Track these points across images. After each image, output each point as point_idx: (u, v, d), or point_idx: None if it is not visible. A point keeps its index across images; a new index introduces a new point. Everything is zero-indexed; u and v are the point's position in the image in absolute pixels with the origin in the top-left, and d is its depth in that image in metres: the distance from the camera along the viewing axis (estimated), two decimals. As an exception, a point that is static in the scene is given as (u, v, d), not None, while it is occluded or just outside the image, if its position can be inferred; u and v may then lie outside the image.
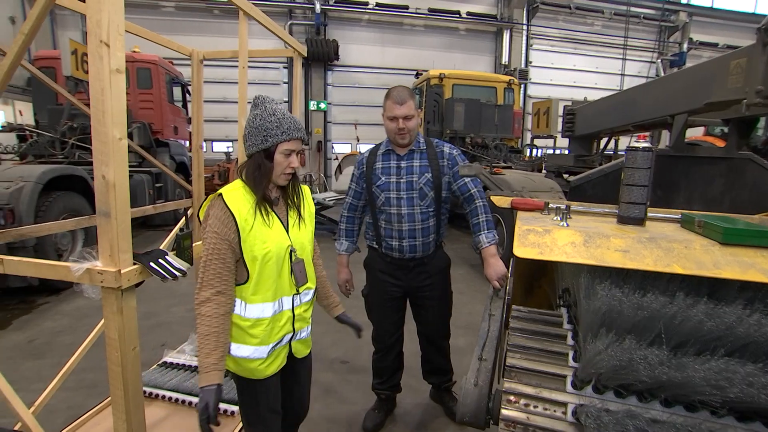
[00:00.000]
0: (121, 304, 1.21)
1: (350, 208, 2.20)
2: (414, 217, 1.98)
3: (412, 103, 1.92)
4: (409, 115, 1.90)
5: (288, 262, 1.38)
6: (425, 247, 2.04)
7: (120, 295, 1.20)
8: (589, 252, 0.82)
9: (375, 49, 13.95)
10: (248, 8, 1.85)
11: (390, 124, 1.94)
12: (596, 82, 15.37)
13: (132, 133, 6.94)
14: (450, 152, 2.03)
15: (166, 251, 1.32)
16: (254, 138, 1.31)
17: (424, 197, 1.97)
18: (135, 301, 1.27)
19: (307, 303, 1.49)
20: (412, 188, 1.97)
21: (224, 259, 1.27)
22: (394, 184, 1.99)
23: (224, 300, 1.28)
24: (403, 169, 1.99)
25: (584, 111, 5.23)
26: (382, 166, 2.04)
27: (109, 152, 1.13)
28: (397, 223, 2.00)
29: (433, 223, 2.03)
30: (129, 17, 1.23)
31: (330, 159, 14.15)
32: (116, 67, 1.12)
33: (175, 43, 2.51)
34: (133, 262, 1.23)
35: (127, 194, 1.19)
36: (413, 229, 2.00)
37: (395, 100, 1.90)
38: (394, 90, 1.94)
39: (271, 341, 1.37)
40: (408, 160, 2.00)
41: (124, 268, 1.19)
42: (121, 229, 1.18)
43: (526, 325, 1.10)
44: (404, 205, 1.98)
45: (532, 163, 7.83)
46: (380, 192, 2.02)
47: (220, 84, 12.81)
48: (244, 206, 1.30)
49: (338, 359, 3.12)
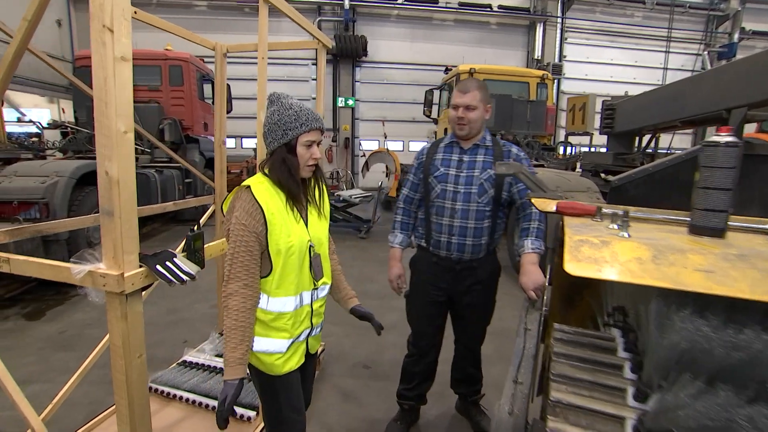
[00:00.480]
0: (125, 310, 1.13)
1: (406, 200, 2.12)
2: (468, 213, 1.87)
3: (478, 94, 1.85)
4: (471, 105, 1.84)
5: (308, 256, 1.39)
6: (475, 249, 1.92)
7: (124, 299, 1.13)
8: (661, 271, 0.66)
9: (404, 44, 13.78)
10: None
11: (452, 113, 1.90)
12: (635, 77, 14.59)
13: (163, 129, 7.09)
14: (517, 153, 1.94)
15: (175, 253, 1.24)
16: (274, 134, 1.32)
17: (483, 194, 1.87)
18: (141, 305, 1.19)
19: (323, 298, 1.52)
20: (472, 183, 1.88)
21: (251, 251, 1.27)
22: (453, 177, 1.91)
23: (251, 293, 1.28)
24: (465, 163, 1.92)
25: (625, 106, 4.89)
26: (443, 157, 1.97)
27: (113, 146, 1.04)
28: (448, 217, 1.90)
29: (488, 224, 1.91)
30: (164, 16, 1.16)
31: (357, 156, 14.09)
32: (121, 55, 1.03)
33: (198, 37, 2.45)
34: (139, 264, 1.16)
35: (133, 191, 1.11)
36: (465, 226, 1.89)
37: (460, 88, 1.87)
38: (464, 80, 1.90)
39: (292, 336, 1.38)
40: (471, 154, 1.92)
41: (129, 271, 1.11)
42: (126, 228, 1.10)
43: (573, 350, 0.94)
44: (460, 200, 1.88)
45: (566, 161, 7.47)
46: (437, 183, 1.93)
47: (250, 81, 12.97)
48: (271, 199, 1.30)
49: (360, 363, 3.01)
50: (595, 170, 5.25)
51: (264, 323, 1.35)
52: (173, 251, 1.24)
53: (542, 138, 8.12)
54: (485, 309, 2.08)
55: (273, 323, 1.35)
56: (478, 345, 2.19)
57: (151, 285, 1.18)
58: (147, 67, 7.35)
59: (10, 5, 4.48)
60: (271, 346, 1.35)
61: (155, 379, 2.34)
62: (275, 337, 1.36)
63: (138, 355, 1.20)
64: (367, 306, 1.71)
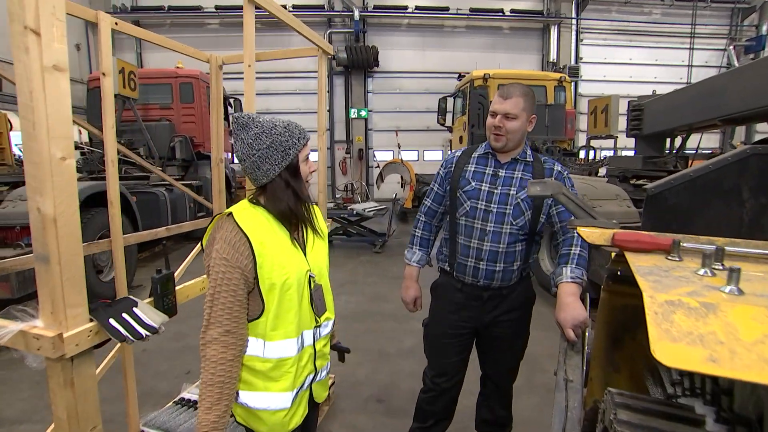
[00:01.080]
0: (69, 375, 0.92)
1: (428, 213, 1.88)
2: (501, 237, 1.62)
3: (521, 102, 1.58)
4: (511, 113, 1.58)
5: (308, 289, 1.19)
6: (506, 275, 1.66)
7: (68, 364, 0.91)
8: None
9: (416, 53, 13.66)
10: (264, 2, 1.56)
11: (489, 120, 1.65)
12: (656, 76, 14.06)
13: (174, 146, 7.06)
14: (560, 171, 1.68)
15: (136, 301, 1.02)
16: (271, 159, 1.11)
17: (519, 216, 1.62)
18: (93, 367, 0.97)
19: (326, 336, 1.30)
20: (507, 202, 1.62)
21: (234, 291, 1.07)
22: (486, 194, 1.65)
23: (233, 341, 1.07)
24: (500, 179, 1.66)
25: (654, 106, 4.55)
26: (475, 169, 1.71)
27: (45, 177, 0.84)
28: (477, 240, 1.65)
29: (521, 248, 1.65)
30: (177, 36, 0.95)
31: (372, 167, 13.93)
32: (53, 63, 0.83)
33: (190, 49, 2.29)
34: (89, 318, 0.94)
35: (77, 231, 0.90)
36: (496, 251, 1.63)
37: (501, 93, 1.62)
38: (507, 85, 1.64)
39: (296, 386, 1.17)
40: (509, 169, 1.67)
41: (71, 329, 0.89)
42: (69, 277, 0.89)
43: (644, 419, 0.66)
44: (492, 221, 1.63)
45: (589, 166, 7.11)
46: (466, 199, 1.68)
47: (264, 96, 13.04)
48: (259, 226, 1.11)
49: (373, 397, 2.75)
50: (623, 175, 4.90)
51: (261, 373, 1.13)
52: (134, 299, 1.02)
53: (562, 143, 7.77)
54: (517, 342, 1.81)
55: (272, 372, 1.13)
56: (509, 383, 1.91)
57: (106, 341, 0.96)
58: (158, 86, 7.36)
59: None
60: (273, 403, 1.13)
61: (147, 422, 2.13)
62: (276, 389, 1.13)
63: (91, 428, 0.97)
64: (381, 329, 1.47)
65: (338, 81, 13.58)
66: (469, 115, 7.89)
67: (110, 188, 1.81)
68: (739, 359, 0.44)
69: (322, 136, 2.34)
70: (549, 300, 4.78)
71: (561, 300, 1.45)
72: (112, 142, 1.78)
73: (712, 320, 0.49)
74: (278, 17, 1.67)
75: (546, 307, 4.81)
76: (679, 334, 0.48)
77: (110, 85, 1.74)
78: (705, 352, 0.45)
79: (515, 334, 1.78)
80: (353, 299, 4.73)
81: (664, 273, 0.63)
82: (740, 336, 0.46)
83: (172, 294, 1.12)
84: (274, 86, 13.17)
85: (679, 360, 0.45)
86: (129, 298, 1.02)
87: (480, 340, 1.84)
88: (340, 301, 4.68)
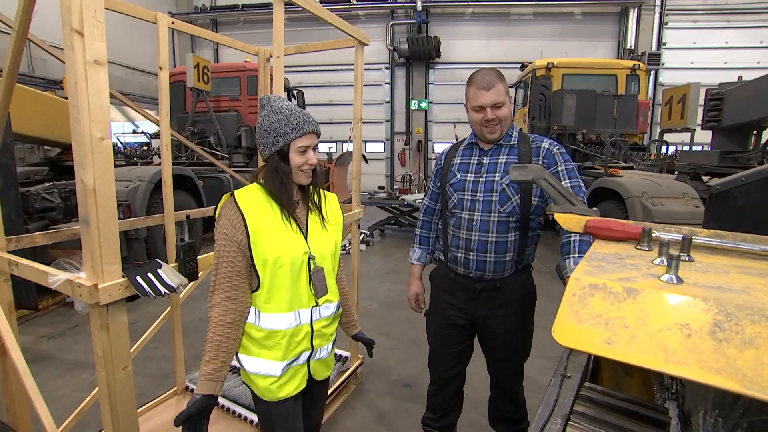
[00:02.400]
0: (105, 320, 1.09)
1: (427, 211, 1.92)
2: (489, 225, 1.59)
3: (502, 87, 1.54)
4: (498, 102, 1.54)
5: (306, 270, 1.26)
6: (498, 266, 1.62)
7: (104, 310, 1.08)
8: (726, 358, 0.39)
9: (479, 43, 13.25)
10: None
11: (475, 116, 1.60)
12: (759, 61, 12.27)
13: (240, 135, 7.58)
14: (549, 148, 1.60)
15: (161, 263, 1.18)
16: (265, 141, 1.22)
17: (506, 202, 1.58)
18: (125, 316, 1.14)
19: (328, 318, 1.35)
20: (492, 190, 1.60)
21: (233, 262, 1.19)
22: (471, 184, 1.64)
23: (232, 306, 1.20)
24: (484, 167, 1.64)
25: (737, 94, 4.05)
26: (461, 161, 1.71)
27: (87, 154, 1.00)
28: (466, 230, 1.64)
29: (514, 238, 1.60)
30: (248, 32, 1.10)
31: (430, 159, 13.85)
32: (94, 59, 0.98)
33: (239, 43, 2.48)
34: (121, 274, 1.11)
35: (112, 201, 1.06)
36: (485, 240, 1.61)
37: (480, 85, 1.54)
38: (478, 74, 1.57)
39: (287, 358, 1.26)
40: (492, 155, 1.64)
41: (106, 282, 1.06)
42: (105, 239, 1.05)
43: (607, 415, 0.65)
44: (478, 210, 1.61)
45: (661, 162, 6.50)
46: (453, 192, 1.68)
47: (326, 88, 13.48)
48: (256, 207, 1.21)
49: (401, 382, 2.82)
50: (694, 172, 4.44)
51: (256, 341, 1.25)
52: (161, 262, 1.18)
53: (633, 137, 7.18)
54: (515, 339, 1.73)
55: (265, 341, 1.24)
56: (512, 383, 1.83)
57: (137, 296, 1.12)
58: (228, 79, 7.93)
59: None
60: (263, 368, 1.24)
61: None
62: (268, 357, 1.24)
63: (122, 367, 1.15)
64: (418, 318, 1.52)
65: (399, 72, 13.60)
66: (530, 106, 7.55)
67: (164, 171, 2.04)
68: (636, 344, 0.43)
69: (358, 124, 2.42)
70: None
71: None
72: (167, 128, 2.00)
73: (629, 305, 0.48)
74: (311, 11, 1.76)
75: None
76: (587, 316, 0.48)
77: (166, 78, 1.95)
78: (605, 335, 0.45)
79: (513, 332, 1.70)
80: (396, 288, 4.81)
81: (617, 260, 0.61)
82: (648, 322, 0.45)
83: (194, 261, 1.27)
84: (335, 78, 13.55)
85: (575, 341, 0.46)
86: (156, 261, 1.18)
87: (479, 336, 1.81)
88: (382, 289, 4.78)
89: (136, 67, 12.44)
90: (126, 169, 4.76)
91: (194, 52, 14.22)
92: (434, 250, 1.93)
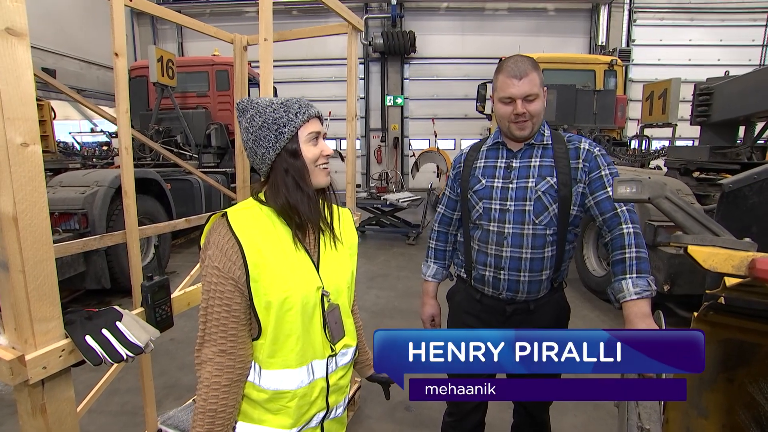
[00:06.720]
0: (40, 401, 0.78)
1: (443, 221, 1.64)
2: (522, 240, 1.35)
3: (537, 77, 1.30)
4: (531, 94, 1.30)
5: (320, 310, 0.98)
6: (532, 286, 1.40)
7: (40, 387, 0.77)
8: None
9: (455, 38, 13.16)
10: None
11: (503, 109, 1.35)
12: (719, 58, 12.77)
13: (210, 134, 7.10)
14: (588, 149, 1.37)
15: (121, 313, 0.87)
16: (265, 141, 0.93)
17: (542, 212, 1.34)
18: (70, 389, 0.84)
19: (344, 367, 1.07)
20: (525, 198, 1.36)
21: (228, 305, 0.90)
22: (499, 191, 1.39)
23: (229, 364, 0.91)
24: (514, 170, 1.39)
25: (727, 89, 4.02)
26: (485, 164, 1.46)
27: (0, 166, 0.69)
28: (495, 245, 1.39)
29: (551, 254, 1.37)
30: (218, 24, 0.79)
31: (407, 156, 13.65)
32: (6, 26, 0.67)
33: (213, 29, 2.15)
34: (63, 333, 0.80)
35: (45, 232, 0.75)
36: (518, 257, 1.36)
37: (511, 72, 1.30)
38: (509, 60, 1.33)
39: (298, 424, 0.98)
40: (524, 158, 1.40)
41: (39, 349, 0.75)
42: (36, 286, 0.74)
43: None
44: (510, 221, 1.36)
45: (641, 157, 6.54)
46: (478, 200, 1.43)
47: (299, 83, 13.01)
48: (256, 230, 0.92)
49: (402, 404, 2.57)
50: (684, 168, 4.40)
51: (257, 404, 0.96)
52: (120, 310, 0.88)
53: (611, 132, 7.21)
54: None
55: (269, 404, 0.95)
56: (542, 412, 1.64)
57: (82, 362, 0.81)
58: (196, 74, 7.41)
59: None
60: None
61: (165, 421, 2.06)
62: (273, 425, 0.96)
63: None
64: (412, 327, 1.25)
65: (374, 68, 13.33)
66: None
67: (125, 178, 1.70)
68: None
69: (352, 121, 2.14)
70: (595, 303, 4.41)
71: (629, 322, 1.18)
72: (126, 127, 1.66)
73: None
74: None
75: (592, 311, 4.45)
76: None
77: (123, 66, 1.60)
78: None
79: None
80: (384, 294, 4.56)
81: None
82: None
83: (167, 304, 0.97)
84: (309, 74, 13.11)
85: None
86: (113, 309, 0.87)
87: None
88: (370, 295, 4.52)
89: (93, 61, 11.54)
90: (82, 173, 4.28)
91: (156, 45, 13.47)
92: (450, 264, 1.68)
